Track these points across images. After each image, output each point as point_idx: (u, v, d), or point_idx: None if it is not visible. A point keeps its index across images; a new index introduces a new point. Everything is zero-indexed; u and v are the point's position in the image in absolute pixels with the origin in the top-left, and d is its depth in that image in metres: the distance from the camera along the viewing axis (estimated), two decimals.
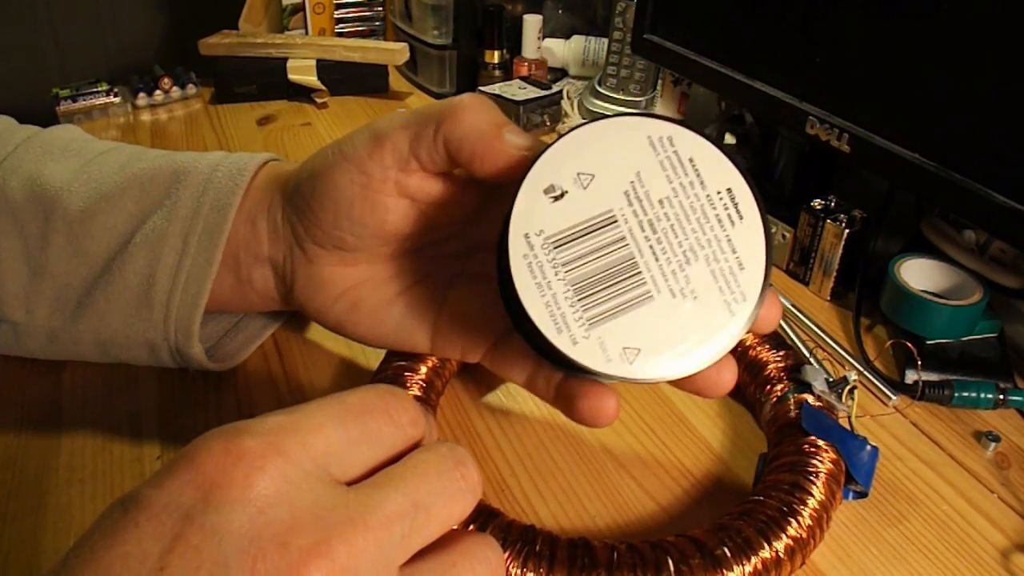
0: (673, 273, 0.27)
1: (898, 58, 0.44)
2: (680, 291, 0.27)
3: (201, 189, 0.38)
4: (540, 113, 0.77)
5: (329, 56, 0.85)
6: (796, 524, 0.31)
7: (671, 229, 0.27)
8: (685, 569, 0.29)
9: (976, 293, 0.46)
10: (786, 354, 0.41)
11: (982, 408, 0.42)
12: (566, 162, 0.27)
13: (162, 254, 0.37)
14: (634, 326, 0.27)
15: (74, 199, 0.38)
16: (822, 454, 0.34)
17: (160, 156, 0.40)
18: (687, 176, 0.27)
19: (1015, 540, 0.35)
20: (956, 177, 0.41)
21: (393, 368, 0.38)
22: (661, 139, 0.27)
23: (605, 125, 0.27)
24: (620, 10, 0.76)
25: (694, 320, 0.27)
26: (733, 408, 0.43)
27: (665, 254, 0.27)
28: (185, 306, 0.37)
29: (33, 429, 0.39)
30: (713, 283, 0.27)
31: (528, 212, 0.27)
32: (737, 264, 0.27)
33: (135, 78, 0.84)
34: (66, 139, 0.42)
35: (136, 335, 0.38)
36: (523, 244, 0.26)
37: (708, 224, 0.27)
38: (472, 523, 0.31)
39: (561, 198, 0.27)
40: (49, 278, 0.38)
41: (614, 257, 0.27)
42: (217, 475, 0.21)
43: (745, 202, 0.27)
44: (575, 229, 0.27)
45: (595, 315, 0.27)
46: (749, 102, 0.58)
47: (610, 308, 0.27)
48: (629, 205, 0.27)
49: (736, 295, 0.27)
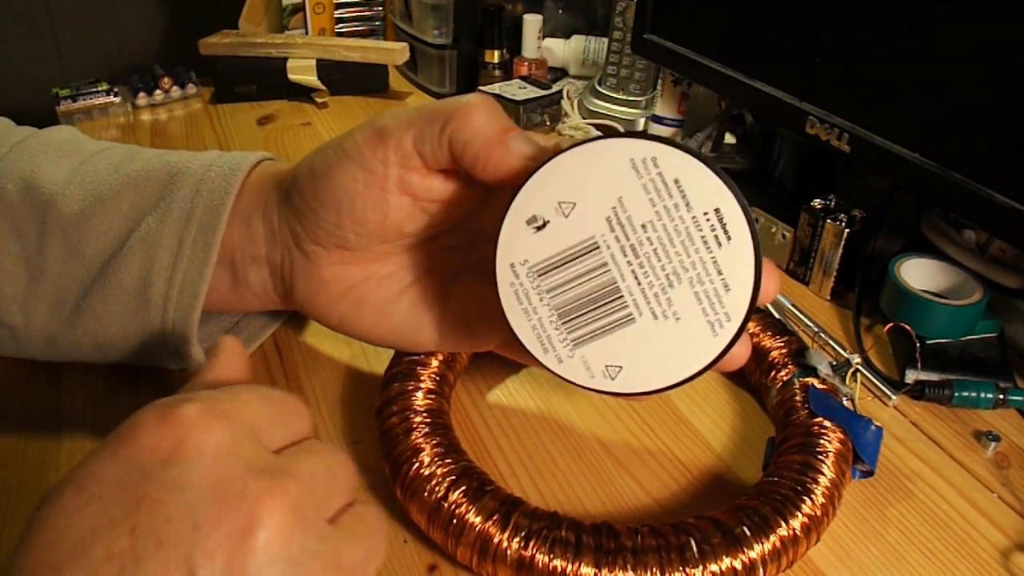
0: (656, 296, 0.28)
1: (898, 58, 0.44)
2: (662, 313, 0.28)
3: (195, 190, 0.37)
4: (540, 113, 0.77)
5: (329, 56, 0.85)
6: (810, 502, 0.32)
7: (654, 253, 0.27)
8: (707, 548, 0.30)
9: (976, 293, 0.46)
10: (789, 339, 0.41)
11: (982, 408, 0.42)
12: (548, 191, 0.27)
13: (157, 256, 0.37)
14: (616, 346, 0.28)
15: (69, 202, 0.38)
16: (830, 434, 0.35)
17: (154, 156, 0.40)
18: (671, 198, 0.27)
19: (1015, 540, 0.35)
20: (956, 177, 0.41)
21: (405, 363, 0.38)
22: (644, 160, 0.26)
23: (587, 150, 0.27)
24: (620, 10, 0.76)
25: (676, 340, 0.28)
26: (737, 394, 0.43)
27: (647, 278, 0.27)
28: (182, 308, 0.37)
29: (33, 429, 0.39)
30: (696, 304, 0.28)
31: (513, 242, 0.27)
32: (723, 285, 0.27)
33: (135, 78, 0.84)
34: (60, 139, 0.42)
35: (134, 337, 0.38)
36: (509, 273, 0.28)
37: (693, 246, 0.27)
38: (496, 512, 0.31)
39: (543, 227, 0.27)
40: (47, 282, 0.38)
41: (596, 283, 0.28)
42: (167, 437, 0.23)
43: (734, 222, 0.27)
44: (557, 257, 0.27)
45: (578, 336, 0.28)
46: (749, 102, 0.58)
47: (592, 330, 0.28)
48: (611, 231, 0.27)
49: (720, 316, 0.28)
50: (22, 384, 0.42)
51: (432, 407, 0.36)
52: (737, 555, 0.30)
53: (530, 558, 0.30)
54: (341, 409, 0.41)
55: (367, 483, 0.37)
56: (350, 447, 0.39)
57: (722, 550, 0.30)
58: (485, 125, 0.30)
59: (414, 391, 0.37)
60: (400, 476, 0.33)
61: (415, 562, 0.33)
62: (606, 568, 0.29)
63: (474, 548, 0.31)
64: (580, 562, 0.29)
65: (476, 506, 0.31)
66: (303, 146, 0.75)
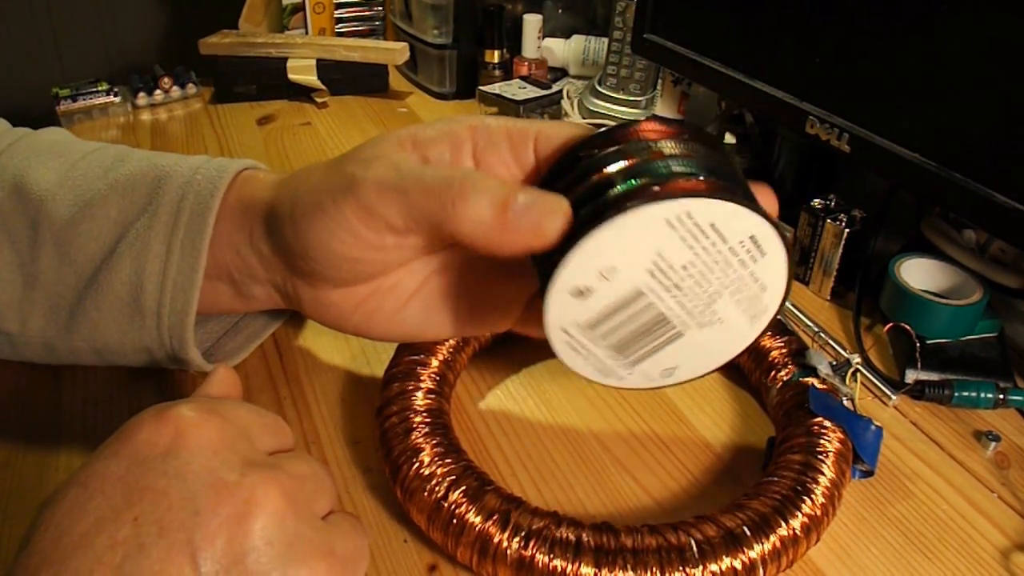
0: (700, 312, 0.29)
1: (898, 58, 0.44)
2: (708, 322, 0.29)
3: (180, 194, 0.37)
4: (540, 113, 0.77)
5: (329, 56, 0.85)
6: (810, 502, 0.32)
7: (696, 284, 0.28)
8: (707, 548, 0.30)
9: (976, 293, 0.46)
10: (789, 339, 0.41)
11: (982, 408, 0.42)
12: (587, 264, 0.27)
13: (147, 262, 0.36)
14: (670, 355, 0.30)
15: (60, 207, 0.37)
16: (830, 434, 0.35)
17: (142, 160, 0.40)
18: (708, 239, 0.27)
19: (1015, 540, 0.36)
20: (956, 177, 0.41)
21: (405, 363, 0.38)
22: (679, 217, 0.26)
23: (622, 223, 0.26)
24: (620, 10, 0.76)
25: (722, 336, 0.30)
26: (737, 394, 0.43)
27: (692, 302, 0.29)
28: (175, 313, 0.37)
29: (33, 429, 0.39)
30: (737, 308, 0.29)
31: (560, 311, 0.28)
32: (760, 288, 0.29)
33: (135, 78, 0.84)
34: (51, 140, 0.42)
35: (131, 343, 0.38)
36: (561, 334, 0.29)
37: (731, 269, 0.28)
38: (496, 512, 0.31)
39: (588, 294, 0.27)
40: (41, 289, 0.37)
41: (644, 319, 0.29)
42: (166, 433, 0.24)
43: (767, 240, 0.27)
44: (606, 311, 0.28)
45: (635, 359, 0.30)
46: (749, 102, 0.58)
47: (647, 351, 0.30)
48: (653, 278, 0.27)
49: (758, 310, 0.30)
50: (22, 384, 0.42)
51: (432, 407, 0.36)
52: (737, 555, 0.30)
53: (530, 558, 0.30)
54: (341, 409, 0.41)
55: (367, 483, 0.37)
56: (350, 447, 0.39)
57: (722, 550, 0.30)
58: (482, 214, 0.27)
59: (414, 391, 0.37)
60: (400, 476, 0.33)
61: (415, 562, 0.33)
62: (606, 568, 0.29)
63: (474, 548, 0.31)
64: (580, 562, 0.29)
65: (476, 506, 0.31)
66: (303, 146, 0.75)
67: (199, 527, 0.22)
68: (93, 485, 0.23)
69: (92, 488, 0.23)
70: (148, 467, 0.23)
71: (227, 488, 0.23)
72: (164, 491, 0.23)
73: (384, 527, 0.35)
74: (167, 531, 0.22)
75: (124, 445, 0.24)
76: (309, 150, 0.74)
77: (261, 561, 0.23)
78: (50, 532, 0.22)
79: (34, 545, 0.22)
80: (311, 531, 0.25)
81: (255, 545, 0.23)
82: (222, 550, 0.22)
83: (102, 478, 0.23)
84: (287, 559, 0.23)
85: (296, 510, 0.25)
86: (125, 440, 0.24)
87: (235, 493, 0.23)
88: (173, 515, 0.22)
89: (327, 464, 0.37)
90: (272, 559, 0.23)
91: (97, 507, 0.22)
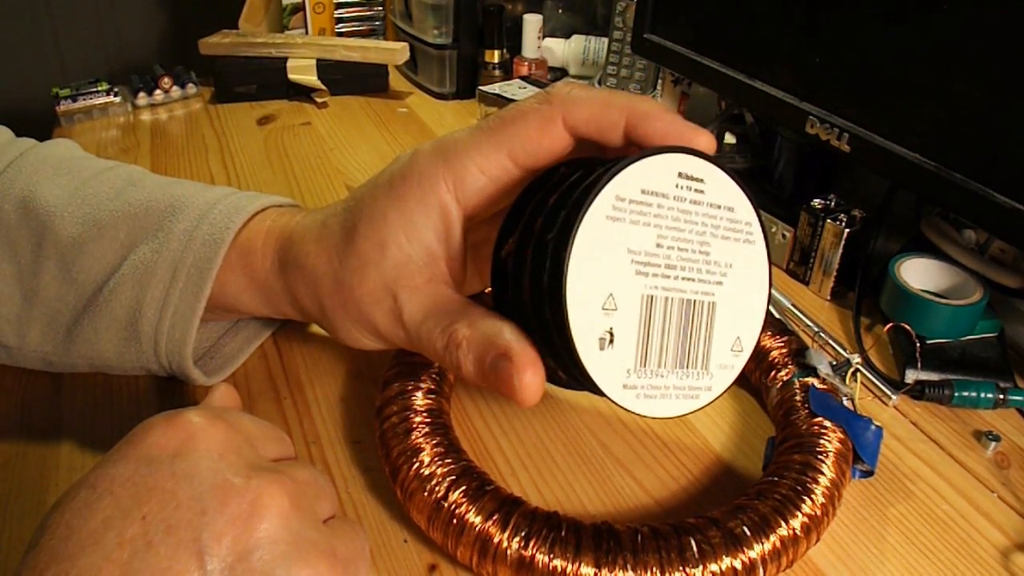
0: (708, 271, 0.29)
1: (898, 58, 0.44)
2: (722, 273, 0.29)
3: (195, 223, 0.37)
4: None
5: (329, 56, 0.85)
6: (810, 502, 0.32)
7: (681, 251, 0.28)
8: (707, 548, 0.30)
9: (976, 293, 0.46)
10: (789, 339, 0.41)
11: (982, 408, 0.42)
12: (589, 311, 0.27)
13: (149, 287, 0.36)
14: (723, 330, 0.30)
15: (67, 224, 0.37)
16: (830, 434, 0.35)
17: (158, 186, 0.40)
18: (650, 205, 0.28)
19: (1015, 540, 0.36)
20: (956, 177, 0.41)
21: (405, 363, 0.38)
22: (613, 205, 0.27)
23: (576, 255, 0.26)
24: (620, 10, 0.76)
25: (743, 274, 0.30)
26: (737, 394, 0.43)
27: (694, 267, 0.29)
28: (173, 341, 0.37)
29: (33, 429, 0.39)
30: (729, 242, 0.30)
31: (606, 373, 0.27)
32: (727, 210, 0.29)
33: (135, 78, 0.84)
34: (59, 155, 0.41)
35: (129, 363, 0.38)
36: (621, 391, 0.28)
37: (691, 215, 0.29)
38: (496, 512, 0.31)
39: (612, 337, 0.27)
40: (40, 304, 0.37)
41: (676, 315, 0.29)
42: (175, 436, 0.25)
43: (692, 166, 0.28)
44: (639, 338, 0.28)
45: (702, 359, 0.30)
46: (749, 102, 0.58)
47: (704, 342, 0.30)
48: (646, 276, 0.28)
49: (743, 227, 0.30)
50: (22, 385, 0.42)
51: (432, 407, 0.36)
52: (737, 555, 0.30)
53: (530, 558, 0.30)
54: (341, 409, 0.41)
55: (367, 483, 0.37)
56: (350, 447, 0.39)
57: (722, 550, 0.30)
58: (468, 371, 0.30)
59: (414, 391, 0.37)
60: (400, 476, 0.33)
61: (415, 562, 0.33)
62: (606, 568, 0.29)
63: (474, 548, 0.31)
64: (580, 562, 0.29)
65: (476, 506, 0.31)
66: (303, 146, 0.75)
67: (206, 526, 0.23)
68: (102, 486, 0.24)
69: (101, 489, 0.23)
70: (157, 468, 0.24)
71: (234, 490, 0.24)
72: (172, 491, 0.23)
73: (384, 527, 0.35)
74: (174, 529, 0.23)
75: (133, 448, 0.25)
76: (309, 150, 0.74)
77: (265, 559, 0.23)
78: (59, 531, 0.23)
79: (43, 544, 0.22)
80: (314, 532, 0.25)
81: (260, 544, 0.23)
82: (228, 548, 0.23)
83: (111, 479, 0.24)
84: (291, 558, 0.24)
85: (300, 512, 0.25)
86: (134, 444, 0.25)
87: (241, 495, 0.24)
88: (181, 514, 0.23)
89: (327, 464, 0.38)
90: (276, 557, 0.24)
91: (106, 507, 0.23)
